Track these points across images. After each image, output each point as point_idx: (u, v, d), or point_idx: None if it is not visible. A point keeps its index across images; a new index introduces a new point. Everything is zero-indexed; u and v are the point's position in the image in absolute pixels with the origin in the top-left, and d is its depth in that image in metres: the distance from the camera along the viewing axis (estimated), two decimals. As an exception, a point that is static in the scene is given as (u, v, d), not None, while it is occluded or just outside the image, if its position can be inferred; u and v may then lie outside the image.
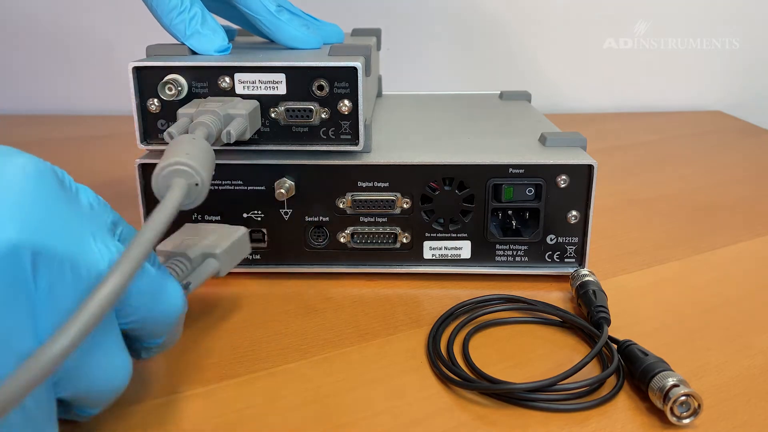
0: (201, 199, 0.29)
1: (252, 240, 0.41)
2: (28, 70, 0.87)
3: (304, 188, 0.40)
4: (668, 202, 0.57)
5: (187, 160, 0.28)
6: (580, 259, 0.41)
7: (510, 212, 0.41)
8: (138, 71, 0.37)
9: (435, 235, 0.41)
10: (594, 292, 0.37)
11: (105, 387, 0.25)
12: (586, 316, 0.36)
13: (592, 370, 0.32)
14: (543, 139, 0.42)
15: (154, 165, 0.39)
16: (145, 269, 0.26)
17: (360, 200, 0.40)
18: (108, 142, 0.75)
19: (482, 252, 0.41)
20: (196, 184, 0.29)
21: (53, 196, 0.23)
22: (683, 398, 0.28)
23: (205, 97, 0.37)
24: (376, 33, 0.54)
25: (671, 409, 0.28)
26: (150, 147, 0.39)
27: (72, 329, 0.20)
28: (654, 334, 0.36)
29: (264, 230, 0.41)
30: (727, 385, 0.32)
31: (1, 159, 0.23)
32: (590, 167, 0.39)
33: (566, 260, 0.41)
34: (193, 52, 0.39)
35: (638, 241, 0.48)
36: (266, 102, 0.38)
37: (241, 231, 0.35)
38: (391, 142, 0.43)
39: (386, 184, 0.40)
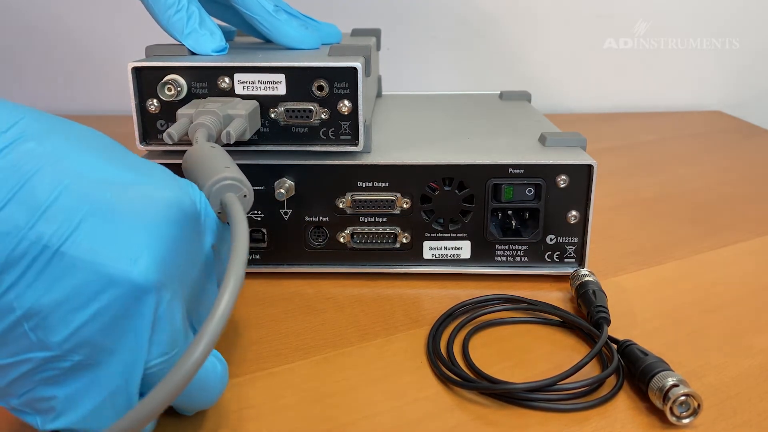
0: (248, 209, 0.30)
1: (252, 240, 0.41)
2: (27, 71, 0.87)
3: (304, 188, 0.40)
4: (668, 202, 0.57)
5: (232, 174, 0.29)
6: (580, 259, 0.41)
7: (510, 212, 0.41)
8: (137, 71, 0.37)
9: (435, 235, 0.41)
10: (594, 292, 0.37)
11: (212, 396, 0.28)
12: (586, 316, 0.36)
13: (591, 370, 0.32)
14: (543, 139, 0.42)
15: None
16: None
17: (360, 200, 0.40)
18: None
19: (482, 252, 0.41)
20: (245, 195, 0.29)
21: (186, 240, 0.25)
22: (683, 398, 0.28)
23: (204, 98, 0.37)
24: (376, 33, 0.54)
25: (671, 409, 0.28)
26: (149, 147, 0.39)
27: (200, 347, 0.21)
28: (654, 334, 0.36)
29: (264, 230, 0.41)
30: (727, 385, 0.32)
31: (153, 191, 0.24)
32: (590, 167, 0.39)
33: (566, 260, 0.41)
34: (192, 53, 0.39)
35: (638, 241, 0.48)
36: (266, 102, 0.38)
37: None
38: (391, 142, 0.43)
39: (386, 184, 0.40)
